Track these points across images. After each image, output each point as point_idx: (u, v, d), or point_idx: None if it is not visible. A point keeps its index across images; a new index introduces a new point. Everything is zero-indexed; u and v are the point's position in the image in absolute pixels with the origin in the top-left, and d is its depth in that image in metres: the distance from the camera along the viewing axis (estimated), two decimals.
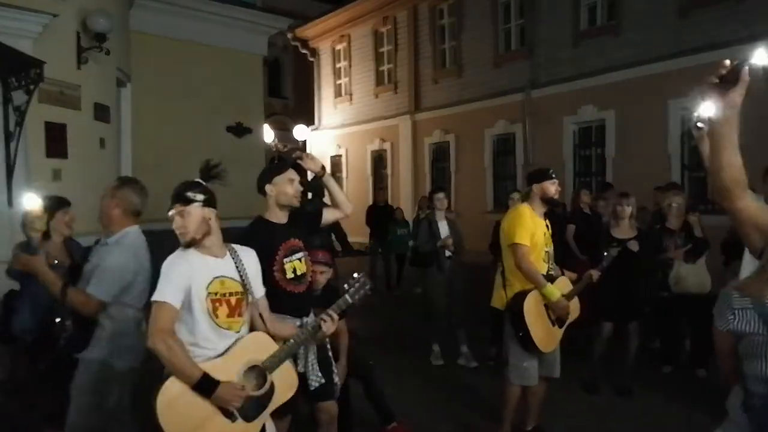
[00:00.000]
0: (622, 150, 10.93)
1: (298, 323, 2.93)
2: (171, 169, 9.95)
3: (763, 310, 1.70)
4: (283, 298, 2.98)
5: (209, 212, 2.43)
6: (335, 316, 2.53)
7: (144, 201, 3.05)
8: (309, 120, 19.26)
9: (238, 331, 2.47)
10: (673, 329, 5.75)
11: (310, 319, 3.18)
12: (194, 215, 2.40)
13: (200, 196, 2.42)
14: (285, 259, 3.05)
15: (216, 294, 2.41)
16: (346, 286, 2.66)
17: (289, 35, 18.30)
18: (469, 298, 6.12)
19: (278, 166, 3.23)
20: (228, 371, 2.35)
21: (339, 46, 18.37)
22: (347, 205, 3.45)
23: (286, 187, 3.08)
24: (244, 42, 11.16)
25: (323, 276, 3.70)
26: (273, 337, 2.54)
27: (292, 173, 3.12)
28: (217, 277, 2.42)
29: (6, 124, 5.89)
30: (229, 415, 2.34)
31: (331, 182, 3.44)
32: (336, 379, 3.39)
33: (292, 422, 3.28)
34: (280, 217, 3.12)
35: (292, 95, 22.53)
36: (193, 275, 2.38)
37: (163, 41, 9.96)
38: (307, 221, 3.34)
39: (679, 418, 4.54)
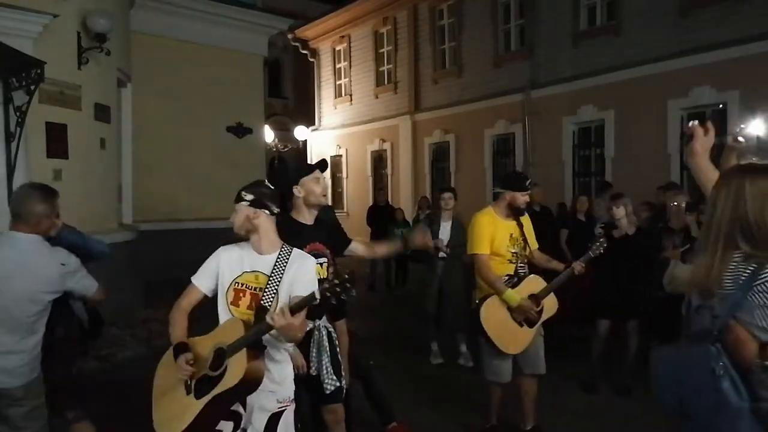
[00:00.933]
0: (622, 150, 10.94)
1: (310, 325, 2.96)
2: (171, 169, 10.07)
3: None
4: None
5: (254, 212, 2.51)
6: (285, 311, 2.27)
7: (27, 207, 2.85)
8: (309, 120, 19.27)
9: None
10: (672, 330, 5.76)
11: (322, 321, 3.22)
12: (240, 213, 2.53)
13: (249, 197, 2.53)
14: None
15: (242, 285, 2.51)
16: (326, 283, 2.33)
17: (290, 36, 18.31)
18: (467, 297, 6.12)
19: (304, 167, 3.24)
20: (204, 347, 2.48)
21: (339, 47, 18.37)
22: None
23: (314, 186, 3.10)
24: (245, 42, 11.18)
25: None
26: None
27: (318, 172, 3.15)
28: (252, 271, 2.53)
29: (7, 125, 5.91)
30: (188, 388, 2.45)
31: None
32: (344, 382, 3.37)
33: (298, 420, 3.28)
34: (307, 218, 3.15)
35: (292, 95, 22.54)
36: (225, 264, 2.55)
37: (164, 41, 9.99)
38: (332, 233, 3.33)
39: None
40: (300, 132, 18.35)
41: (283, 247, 2.56)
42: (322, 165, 3.24)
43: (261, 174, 11.60)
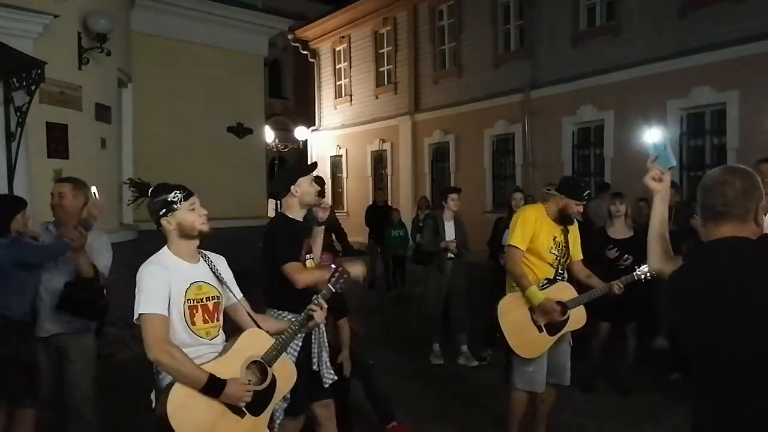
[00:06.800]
0: (621, 150, 10.95)
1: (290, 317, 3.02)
2: (171, 169, 10.04)
3: None
4: (299, 295, 3.04)
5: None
6: (323, 304, 2.72)
7: None
8: (309, 120, 19.29)
9: (216, 336, 2.48)
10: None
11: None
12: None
13: None
14: (305, 256, 3.20)
15: (192, 300, 2.43)
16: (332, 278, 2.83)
17: (290, 36, 18.33)
18: (468, 297, 6.13)
19: (303, 167, 3.34)
20: (230, 370, 2.39)
21: (339, 47, 18.39)
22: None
23: (310, 186, 3.19)
24: (245, 43, 11.19)
25: None
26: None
27: (313, 174, 3.27)
28: (194, 283, 2.45)
29: (7, 125, 5.91)
30: (237, 411, 2.40)
31: None
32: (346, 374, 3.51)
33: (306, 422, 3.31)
34: (299, 216, 3.22)
35: (292, 96, 22.58)
36: (172, 281, 2.39)
37: (164, 42, 9.99)
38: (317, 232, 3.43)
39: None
40: (300, 132, 18.37)
41: (200, 252, 2.57)
42: (315, 166, 3.40)
43: (261, 174, 11.62)
